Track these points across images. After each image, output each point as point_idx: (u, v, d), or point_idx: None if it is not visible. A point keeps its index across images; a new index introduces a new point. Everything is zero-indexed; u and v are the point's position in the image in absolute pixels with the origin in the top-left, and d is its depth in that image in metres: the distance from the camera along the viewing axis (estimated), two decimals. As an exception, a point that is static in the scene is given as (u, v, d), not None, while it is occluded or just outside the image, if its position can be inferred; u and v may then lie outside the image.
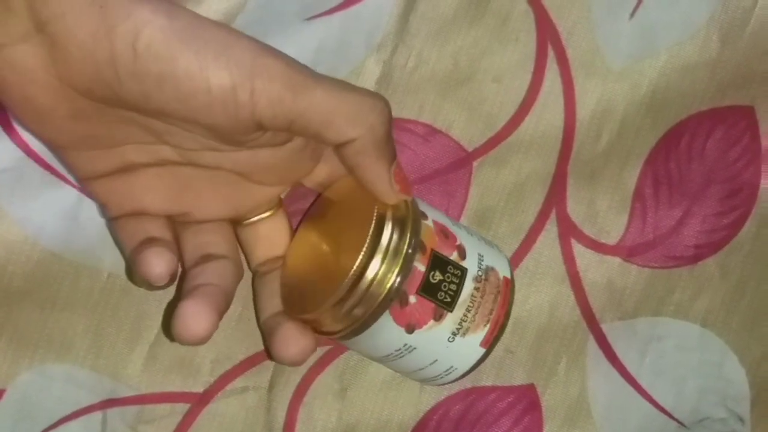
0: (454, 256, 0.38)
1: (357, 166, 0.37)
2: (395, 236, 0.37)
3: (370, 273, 0.36)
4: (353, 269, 0.36)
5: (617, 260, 0.46)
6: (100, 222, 0.42)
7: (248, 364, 0.44)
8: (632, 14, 0.44)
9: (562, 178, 0.45)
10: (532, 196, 0.45)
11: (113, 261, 0.42)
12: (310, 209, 0.43)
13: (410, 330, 0.38)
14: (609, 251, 0.46)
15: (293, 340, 0.38)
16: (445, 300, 0.37)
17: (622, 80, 0.45)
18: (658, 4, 0.44)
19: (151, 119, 0.36)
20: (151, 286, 0.37)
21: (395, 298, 0.37)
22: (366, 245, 0.36)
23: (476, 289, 0.38)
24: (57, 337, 0.42)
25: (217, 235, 0.40)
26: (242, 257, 0.41)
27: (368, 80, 0.43)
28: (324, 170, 0.40)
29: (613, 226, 0.46)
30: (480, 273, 0.38)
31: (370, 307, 0.37)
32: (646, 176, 0.45)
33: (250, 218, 0.41)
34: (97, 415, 0.43)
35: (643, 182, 0.45)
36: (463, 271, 0.38)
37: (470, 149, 0.44)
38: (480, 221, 0.45)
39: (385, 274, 0.36)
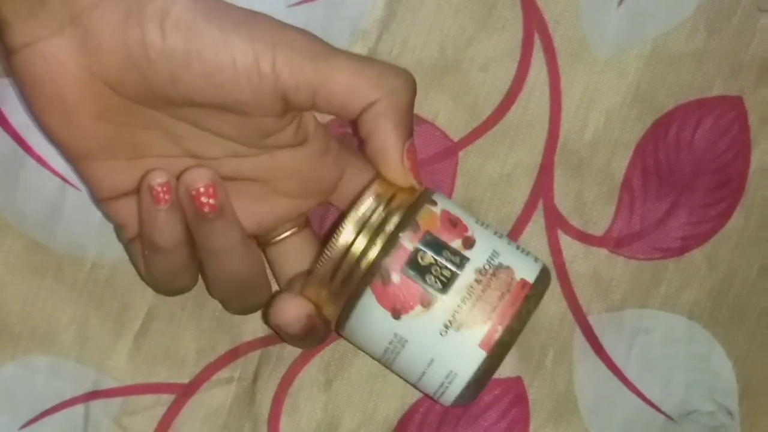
0: (456, 243, 0.36)
1: (374, 130, 0.37)
2: (379, 210, 0.36)
3: (346, 243, 0.36)
4: (331, 240, 0.36)
5: (604, 252, 0.45)
6: (83, 211, 0.42)
7: (233, 354, 0.44)
8: (620, 2, 0.44)
9: (549, 169, 0.45)
10: (519, 186, 0.45)
11: (97, 250, 0.42)
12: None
13: (396, 315, 0.36)
14: (596, 242, 0.45)
15: (286, 303, 0.38)
16: (434, 285, 0.36)
17: (608, 70, 0.45)
18: (646, -7, 0.44)
19: (175, 122, 0.37)
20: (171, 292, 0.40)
21: (376, 273, 0.36)
22: (347, 217, 0.36)
23: (477, 281, 0.36)
24: (41, 328, 0.42)
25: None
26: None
27: (353, 69, 0.43)
28: (349, 188, 0.40)
29: (600, 217, 0.45)
30: (487, 267, 0.36)
31: (351, 282, 0.36)
32: (635, 166, 0.45)
33: (276, 236, 0.41)
34: (79, 408, 0.43)
35: (632, 173, 0.45)
36: (463, 259, 0.36)
37: (456, 139, 0.44)
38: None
39: (365, 248, 0.36)
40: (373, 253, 0.36)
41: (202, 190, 0.36)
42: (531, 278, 0.37)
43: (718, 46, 0.45)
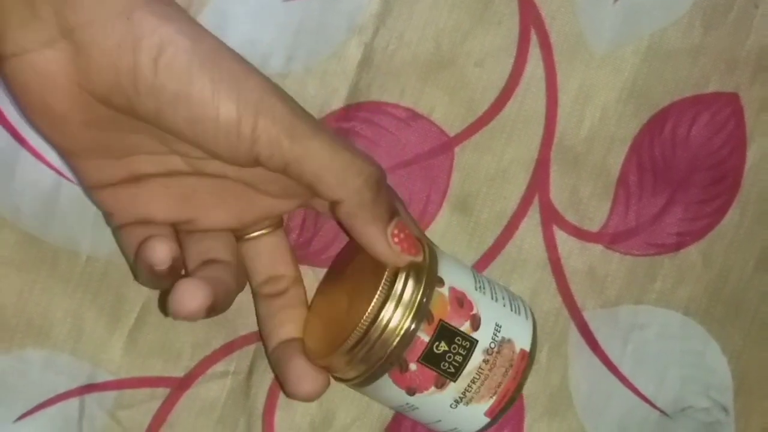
0: (465, 326, 0.38)
1: (351, 228, 0.37)
2: (401, 303, 0.37)
3: (369, 339, 0.37)
4: (354, 333, 0.37)
5: (599, 247, 0.45)
6: (78, 204, 0.41)
7: (229, 348, 0.44)
8: (616, -2, 0.44)
9: (545, 164, 0.45)
10: (515, 182, 0.45)
11: (92, 244, 0.42)
12: (340, 254, 0.43)
13: (411, 393, 0.38)
14: (591, 238, 0.45)
15: (308, 377, 0.38)
16: (448, 370, 0.37)
17: (605, 65, 0.44)
18: (643, -12, 0.44)
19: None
20: (156, 284, 0.38)
21: (395, 363, 0.37)
22: (367, 314, 0.37)
23: (485, 361, 0.38)
24: (36, 322, 0.42)
25: (220, 243, 0.40)
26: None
27: (350, 63, 0.43)
28: None
29: (595, 213, 0.45)
30: (492, 345, 0.38)
31: (370, 369, 0.37)
32: (631, 162, 0.45)
33: (252, 232, 0.41)
34: (74, 401, 0.43)
35: (628, 168, 0.45)
36: (473, 343, 0.38)
37: (452, 134, 0.44)
38: (462, 207, 0.44)
39: (385, 342, 0.37)
40: (393, 343, 0.37)
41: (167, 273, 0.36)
42: (527, 345, 0.39)
43: (714, 42, 0.45)
